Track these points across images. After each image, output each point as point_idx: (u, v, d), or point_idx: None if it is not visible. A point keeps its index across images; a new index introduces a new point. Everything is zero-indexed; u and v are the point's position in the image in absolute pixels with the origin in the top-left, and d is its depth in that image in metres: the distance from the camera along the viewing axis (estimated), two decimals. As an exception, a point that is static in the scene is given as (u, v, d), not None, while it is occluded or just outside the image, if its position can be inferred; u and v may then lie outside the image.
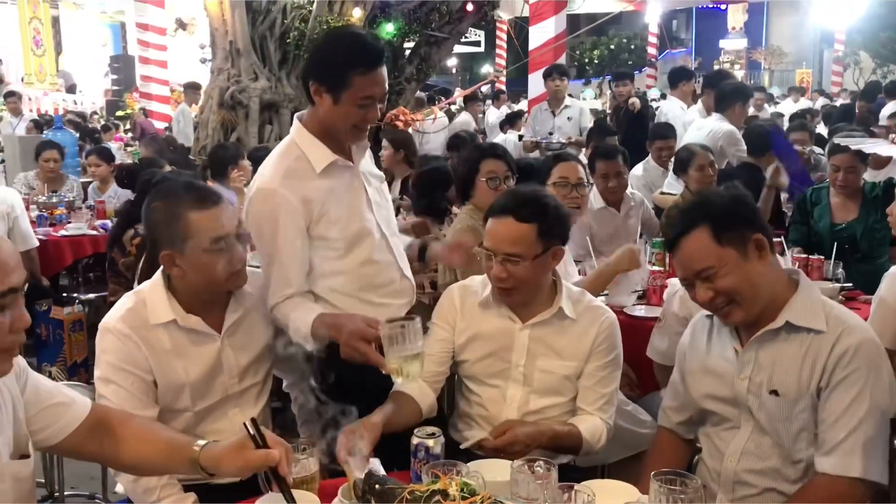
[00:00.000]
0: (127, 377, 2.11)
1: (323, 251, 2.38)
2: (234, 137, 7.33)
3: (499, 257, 2.23)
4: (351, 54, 2.29)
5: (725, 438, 2.07)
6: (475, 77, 28.02)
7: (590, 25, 14.30)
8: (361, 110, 2.30)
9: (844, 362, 1.88)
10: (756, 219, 1.99)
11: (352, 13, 7.31)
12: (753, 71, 27.99)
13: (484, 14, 8.31)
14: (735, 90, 6.00)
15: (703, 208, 1.97)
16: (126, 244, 4.26)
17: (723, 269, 1.92)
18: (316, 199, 2.33)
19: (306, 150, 2.37)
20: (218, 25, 7.42)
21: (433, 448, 1.87)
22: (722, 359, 2.07)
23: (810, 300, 1.97)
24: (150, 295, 2.18)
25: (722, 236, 1.92)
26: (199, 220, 2.09)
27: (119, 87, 16.81)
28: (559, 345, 2.31)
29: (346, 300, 2.42)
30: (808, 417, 1.93)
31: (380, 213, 2.49)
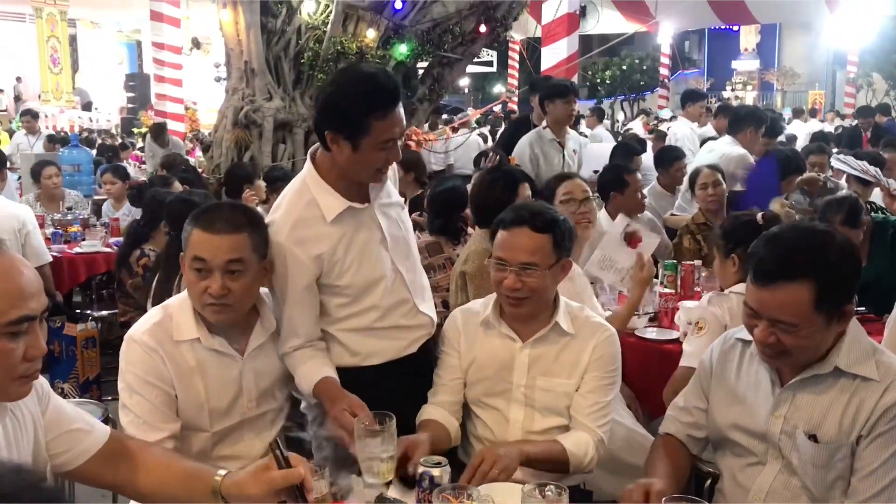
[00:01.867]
0: (152, 390, 2.13)
1: (334, 298, 2.36)
2: (248, 156, 7.36)
3: (514, 267, 2.23)
4: (366, 99, 2.17)
5: (750, 474, 2.01)
6: (487, 97, 28.11)
7: (602, 47, 14.33)
8: (383, 153, 2.23)
9: (890, 415, 1.81)
10: (855, 288, 1.86)
11: (366, 34, 7.37)
12: (766, 92, 27.98)
13: (497, 35, 8.34)
14: (749, 114, 6.04)
15: (817, 261, 1.81)
16: (133, 265, 4.29)
17: (803, 331, 1.81)
18: (327, 250, 2.28)
19: (318, 196, 2.28)
20: (233, 45, 7.48)
21: (439, 477, 1.85)
22: (755, 389, 1.99)
23: (860, 345, 1.89)
24: (178, 311, 2.21)
25: (822, 302, 1.79)
26: (194, 235, 2.14)
27: (134, 104, 16.97)
28: (558, 362, 2.30)
29: (359, 338, 2.40)
30: (845, 466, 1.86)
31: (396, 249, 2.41)
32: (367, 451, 1.89)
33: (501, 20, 8.03)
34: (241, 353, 2.24)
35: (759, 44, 28.98)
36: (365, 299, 2.37)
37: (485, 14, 7.83)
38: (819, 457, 1.87)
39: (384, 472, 1.89)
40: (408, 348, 2.45)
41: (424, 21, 7.58)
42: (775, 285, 1.80)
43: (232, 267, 2.11)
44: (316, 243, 2.28)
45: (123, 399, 2.15)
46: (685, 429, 2.17)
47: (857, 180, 5.09)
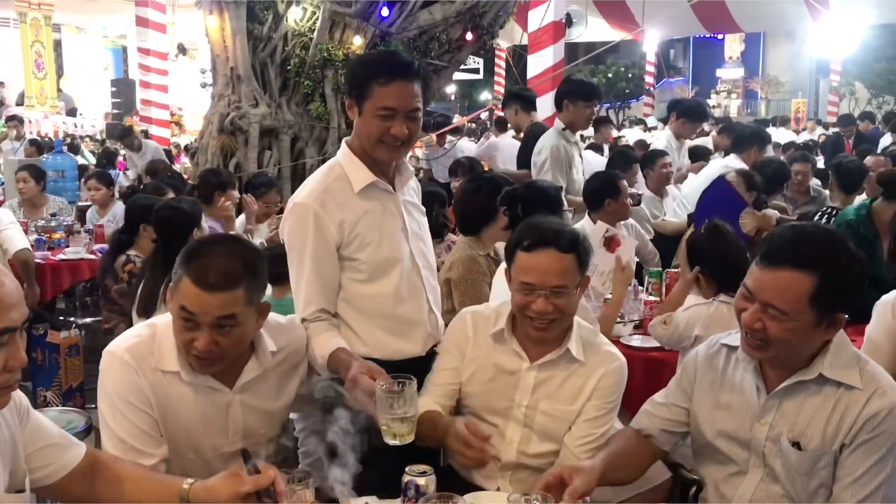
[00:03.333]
0: (135, 412, 2.01)
1: (350, 273, 2.37)
2: (234, 163, 7.34)
3: (545, 291, 2.14)
4: (373, 65, 2.33)
5: (733, 483, 2.02)
6: (474, 104, 28.18)
7: (588, 55, 14.40)
8: (383, 122, 2.28)
9: (873, 424, 1.82)
10: (852, 300, 1.86)
11: (352, 41, 7.36)
12: (750, 100, 28.21)
13: (483, 43, 8.36)
14: (753, 134, 6.19)
15: (827, 258, 1.81)
16: (118, 271, 4.27)
17: (789, 323, 1.82)
18: (350, 219, 2.33)
19: (347, 168, 2.38)
20: (219, 52, 7.47)
21: (424, 486, 1.85)
22: (739, 395, 1.99)
23: (845, 353, 1.90)
24: (163, 335, 2.06)
25: (818, 298, 1.80)
26: (185, 286, 1.95)
27: (119, 110, 16.89)
28: (565, 388, 2.25)
29: (370, 325, 2.39)
30: (828, 474, 1.87)
31: (415, 244, 2.46)
32: (387, 413, 1.92)
33: (488, 28, 8.04)
34: (230, 385, 2.11)
35: (743, 52, 29.24)
36: (381, 281, 2.37)
37: (471, 22, 7.84)
38: (802, 464, 1.88)
39: (405, 434, 1.94)
40: (415, 349, 2.44)
41: (411, 28, 7.59)
42: (780, 268, 1.81)
43: (223, 322, 1.95)
44: (341, 210, 2.32)
45: (105, 417, 2.02)
46: (660, 423, 2.16)
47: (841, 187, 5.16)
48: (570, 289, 2.18)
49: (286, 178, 7.33)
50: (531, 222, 2.34)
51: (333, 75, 7.30)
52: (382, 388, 1.93)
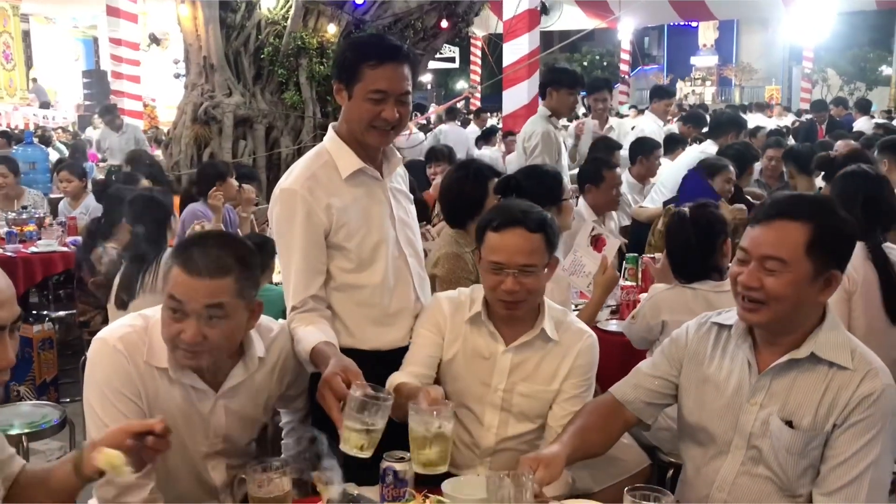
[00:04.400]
0: (125, 402, 1.97)
1: (338, 261, 2.33)
2: (208, 153, 7.29)
3: (513, 270, 2.17)
4: (363, 47, 2.30)
5: (714, 465, 2.01)
6: (450, 93, 28.13)
7: (563, 42, 14.40)
8: (373, 106, 2.25)
9: (865, 405, 1.81)
10: (847, 258, 1.89)
11: (326, 29, 7.32)
12: (724, 87, 28.37)
13: (458, 31, 8.34)
14: (730, 120, 6.25)
15: (823, 211, 1.86)
16: (95, 263, 4.22)
17: (787, 275, 1.82)
18: (337, 206, 2.28)
19: (335, 155, 2.34)
20: (192, 41, 7.40)
21: (402, 472, 1.84)
22: (729, 373, 1.99)
23: (837, 335, 1.90)
24: (155, 330, 2.02)
25: (815, 247, 1.82)
26: (175, 274, 1.93)
27: (91, 101, 16.68)
28: (541, 368, 2.28)
29: (358, 315, 2.36)
30: (818, 455, 1.87)
31: (402, 231, 2.43)
32: (353, 419, 1.81)
33: (463, 16, 8.04)
34: (215, 388, 2.07)
35: (717, 40, 29.37)
36: (368, 269, 2.34)
37: (446, 9, 7.83)
38: (795, 444, 1.87)
39: (364, 446, 1.82)
40: (402, 337, 2.41)
41: (385, 16, 7.56)
42: (774, 221, 1.85)
43: (211, 313, 1.91)
44: (328, 197, 2.28)
45: (94, 405, 1.98)
46: (645, 395, 2.13)
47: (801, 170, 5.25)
48: (539, 268, 2.21)
49: (261, 168, 7.29)
50: (500, 204, 2.38)
51: (308, 64, 7.26)
52: (357, 393, 1.82)
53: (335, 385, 1.91)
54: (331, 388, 1.91)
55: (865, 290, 3.02)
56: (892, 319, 3.04)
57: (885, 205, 3.23)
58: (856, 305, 3.01)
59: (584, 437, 2.06)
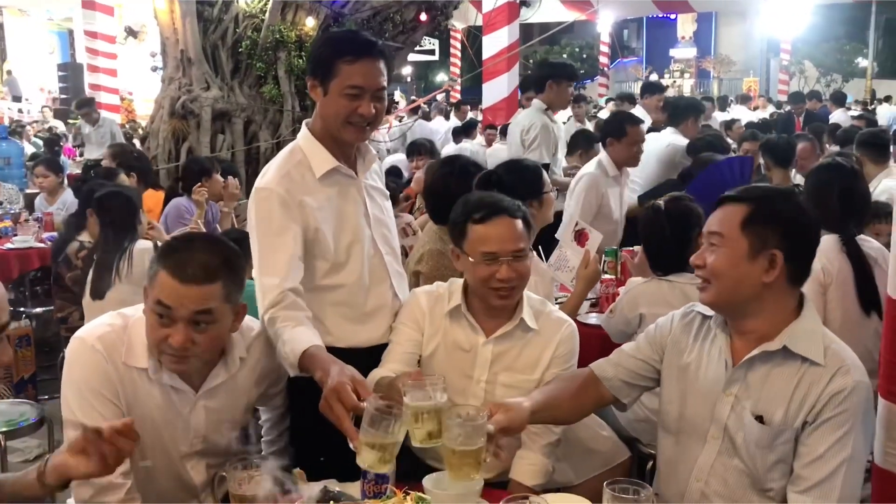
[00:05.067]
0: (103, 402, 1.97)
1: (313, 260, 2.31)
2: (186, 147, 7.23)
3: (507, 257, 2.23)
4: (338, 43, 2.30)
5: (691, 455, 2.03)
6: (430, 85, 28.08)
7: (543, 35, 14.42)
8: (350, 101, 2.25)
9: (836, 401, 1.84)
10: (789, 238, 1.92)
11: (305, 23, 7.28)
12: (703, 79, 28.52)
13: (437, 24, 8.32)
14: (688, 105, 6.26)
15: (764, 195, 1.98)
16: (72, 258, 4.19)
17: (724, 249, 1.93)
18: (312, 205, 2.27)
19: (308, 153, 2.32)
20: (169, 34, 7.33)
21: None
22: (707, 364, 2.02)
23: (812, 329, 1.93)
24: (133, 329, 2.02)
25: (749, 223, 1.91)
26: (162, 279, 1.91)
27: (67, 95, 16.48)
28: (522, 358, 2.30)
29: (337, 315, 2.35)
30: (788, 450, 1.89)
31: (377, 230, 2.42)
32: (372, 436, 1.76)
33: (442, 9, 8.01)
34: (195, 388, 2.07)
35: (696, 32, 29.49)
36: (344, 268, 2.33)
37: (425, 3, 7.80)
38: (763, 438, 1.90)
39: (387, 459, 1.80)
40: (379, 336, 2.41)
41: (364, 9, 7.52)
42: (722, 205, 1.99)
43: (199, 318, 1.91)
44: (304, 195, 2.27)
45: (71, 405, 1.97)
46: (624, 374, 2.15)
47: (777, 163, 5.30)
48: (527, 252, 2.28)
49: (240, 162, 7.24)
50: (471, 198, 2.41)
51: (286, 57, 7.22)
52: (373, 407, 1.77)
53: (345, 396, 1.83)
54: (340, 399, 1.84)
55: (840, 283, 3.07)
56: (867, 311, 3.08)
57: (858, 197, 3.27)
58: (831, 298, 3.05)
59: (554, 399, 2.09)
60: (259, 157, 7.42)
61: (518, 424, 1.92)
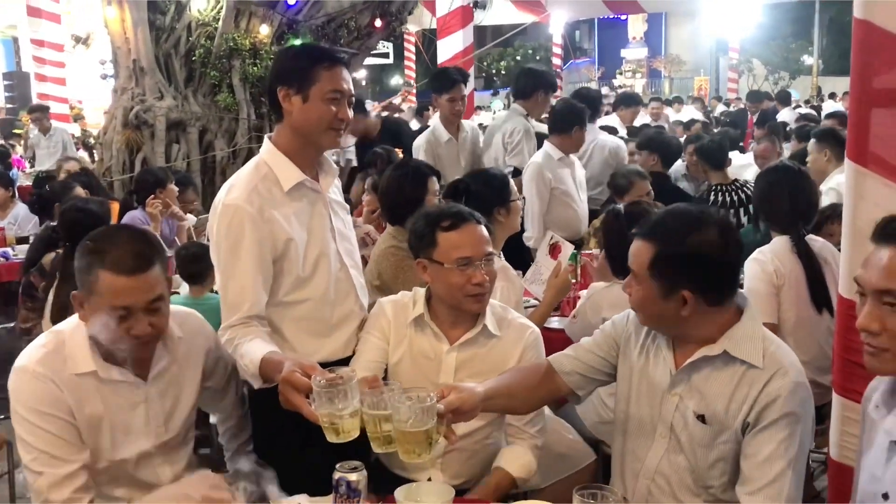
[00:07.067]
0: (53, 421, 1.99)
1: (283, 277, 2.31)
2: (140, 158, 7.15)
3: (481, 261, 2.29)
4: (313, 51, 2.37)
5: (640, 453, 2.08)
6: (385, 89, 28.05)
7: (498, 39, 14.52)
8: (332, 107, 2.27)
9: (777, 404, 1.88)
10: (697, 277, 1.92)
11: (259, 30, 7.25)
12: (654, 79, 28.93)
13: (392, 29, 8.34)
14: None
15: (664, 230, 1.97)
16: (46, 266, 4.10)
17: (640, 288, 1.98)
18: (281, 220, 2.27)
19: (275, 167, 2.31)
20: (120, 44, 7.23)
21: (356, 482, 1.85)
22: (655, 365, 2.07)
23: (751, 332, 1.97)
24: (71, 340, 2.06)
25: (655, 267, 1.94)
26: (107, 281, 1.95)
27: (14, 104, 16.09)
28: (486, 364, 2.33)
29: (302, 331, 2.36)
30: (728, 449, 1.94)
31: (342, 244, 2.44)
32: (328, 409, 1.80)
33: (396, 14, 8.03)
34: (144, 378, 2.11)
35: (646, 32, 29.90)
36: (311, 282, 2.34)
37: (380, 8, 7.82)
38: (705, 437, 1.96)
39: (350, 430, 1.83)
40: (345, 349, 2.42)
41: (319, 16, 7.52)
42: (637, 239, 2.02)
43: (154, 305, 1.99)
44: (271, 210, 2.26)
45: (21, 435, 1.99)
46: (580, 367, 2.18)
47: (712, 167, 5.39)
48: (493, 255, 2.36)
49: (196, 172, 7.18)
50: (431, 210, 2.51)
51: (241, 65, 7.18)
52: (320, 382, 1.82)
53: (296, 380, 1.90)
54: (292, 385, 1.90)
55: (793, 283, 3.15)
56: (819, 309, 3.17)
57: (807, 198, 3.37)
58: (784, 298, 3.14)
59: (508, 388, 2.13)
60: (215, 166, 7.37)
61: (469, 406, 1.95)
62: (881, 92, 2.24)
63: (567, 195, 4.82)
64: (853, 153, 2.28)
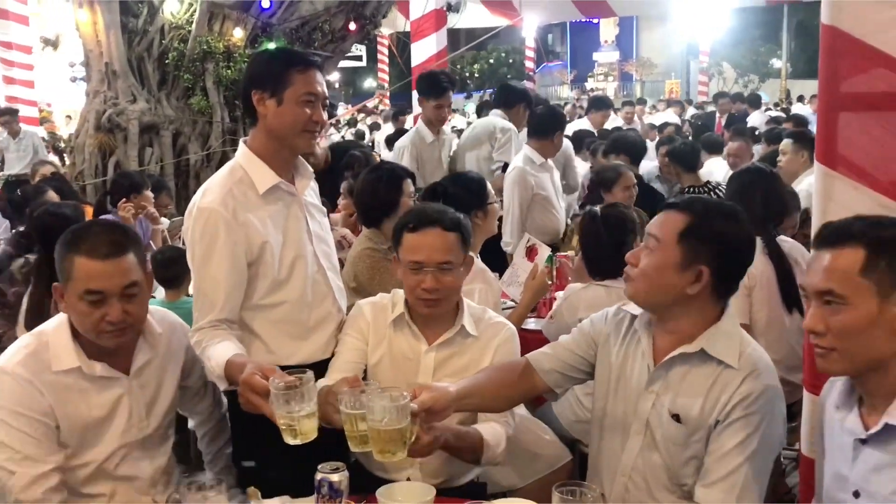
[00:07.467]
0: (29, 422, 2.03)
1: (259, 280, 2.32)
2: (113, 162, 7.09)
3: (431, 268, 2.26)
4: (287, 55, 2.41)
5: (616, 451, 2.11)
6: (359, 91, 28.01)
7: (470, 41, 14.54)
8: (306, 109, 2.28)
9: (745, 404, 1.93)
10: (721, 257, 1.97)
11: (233, 33, 7.22)
12: (626, 82, 29.17)
13: (367, 33, 8.35)
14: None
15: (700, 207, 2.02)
16: (15, 273, 4.05)
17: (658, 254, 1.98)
18: (256, 223, 2.28)
19: (249, 170, 2.33)
20: (92, 47, 7.17)
21: (338, 483, 1.86)
22: (633, 362, 2.10)
23: (729, 333, 2.01)
24: (54, 338, 2.10)
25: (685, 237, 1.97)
26: (81, 265, 2.02)
27: (-19, 108, 15.86)
28: (463, 363, 2.35)
29: (279, 333, 2.37)
30: (700, 447, 1.98)
31: (319, 246, 2.45)
32: (286, 411, 1.84)
33: (370, 18, 8.05)
34: (126, 372, 2.17)
35: (618, 36, 30.15)
36: (288, 285, 2.35)
37: (354, 11, 7.82)
38: (679, 436, 2.00)
39: (307, 432, 1.85)
40: (323, 351, 2.43)
41: (293, 19, 7.51)
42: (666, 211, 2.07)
43: (128, 291, 2.05)
44: (247, 214, 2.28)
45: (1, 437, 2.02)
46: (558, 364, 2.21)
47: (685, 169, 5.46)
48: (455, 265, 2.31)
49: (169, 175, 7.14)
50: (414, 207, 2.49)
51: (214, 68, 7.15)
52: (278, 385, 1.85)
53: (255, 382, 1.93)
54: (251, 387, 1.94)
55: (764, 283, 3.21)
56: (790, 309, 3.23)
57: (778, 200, 3.43)
58: (756, 299, 3.19)
59: (483, 387, 2.15)
60: (189, 169, 7.33)
61: (441, 406, 1.97)
62: (849, 96, 2.30)
63: (547, 200, 4.89)
64: (822, 156, 2.33)
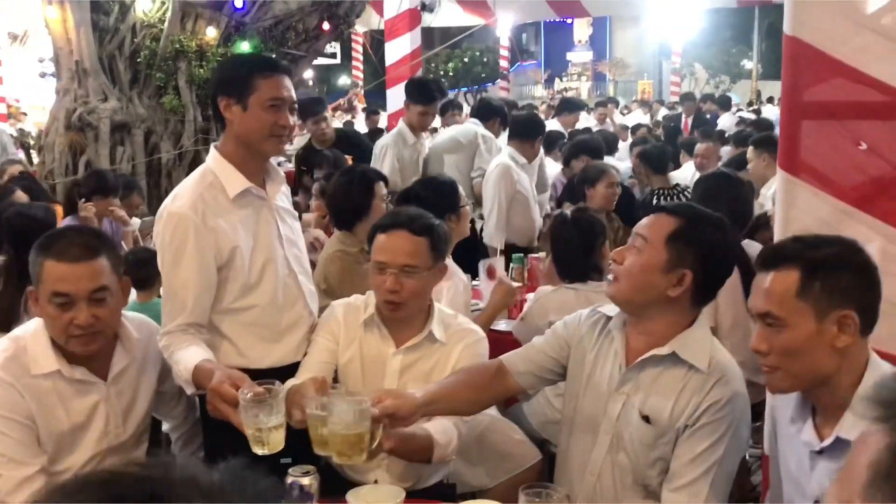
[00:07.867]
0: (12, 425, 2.04)
1: (227, 283, 2.33)
2: (84, 161, 7.02)
3: (394, 269, 2.28)
4: (252, 60, 2.44)
5: (584, 451, 2.15)
6: (332, 89, 27.88)
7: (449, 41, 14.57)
8: (271, 114, 2.29)
9: (713, 410, 1.97)
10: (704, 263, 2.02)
11: (206, 32, 7.17)
12: (599, 82, 29.34)
13: (340, 32, 8.33)
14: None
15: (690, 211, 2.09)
16: None
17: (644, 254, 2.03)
18: (226, 227, 2.29)
19: (220, 175, 2.34)
20: (62, 44, 7.08)
21: (308, 486, 1.89)
22: (605, 363, 2.13)
23: (700, 337, 2.06)
24: (32, 343, 2.10)
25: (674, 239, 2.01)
26: (51, 268, 2.03)
27: (-54, 105, 15.59)
28: (428, 369, 2.37)
29: (250, 336, 2.38)
30: (668, 450, 2.02)
31: (290, 250, 2.46)
32: (254, 422, 1.85)
33: (344, 17, 8.02)
34: (104, 377, 2.19)
35: (591, 36, 30.30)
36: (258, 289, 2.36)
37: (328, 11, 7.80)
38: (647, 437, 2.04)
39: (274, 443, 1.87)
40: (294, 354, 2.45)
41: (266, 18, 7.47)
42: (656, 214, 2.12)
43: (97, 295, 2.06)
44: (217, 219, 2.29)
45: None
46: (533, 367, 2.25)
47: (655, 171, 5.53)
48: (421, 270, 2.32)
49: (141, 174, 7.09)
50: (394, 210, 2.55)
51: (187, 67, 7.10)
52: (247, 396, 1.88)
53: (224, 391, 1.97)
54: (220, 396, 1.98)
55: (729, 287, 3.23)
56: None
57: (743, 205, 3.49)
58: (721, 302, 3.23)
59: (452, 391, 2.17)
60: (161, 168, 7.28)
61: (405, 412, 2.00)
62: (810, 104, 2.36)
63: (527, 201, 4.99)
64: (784, 163, 2.39)
